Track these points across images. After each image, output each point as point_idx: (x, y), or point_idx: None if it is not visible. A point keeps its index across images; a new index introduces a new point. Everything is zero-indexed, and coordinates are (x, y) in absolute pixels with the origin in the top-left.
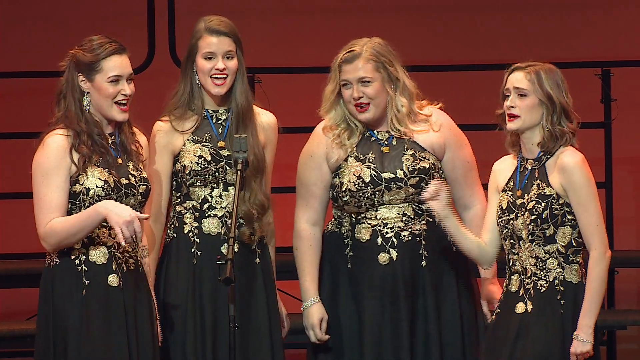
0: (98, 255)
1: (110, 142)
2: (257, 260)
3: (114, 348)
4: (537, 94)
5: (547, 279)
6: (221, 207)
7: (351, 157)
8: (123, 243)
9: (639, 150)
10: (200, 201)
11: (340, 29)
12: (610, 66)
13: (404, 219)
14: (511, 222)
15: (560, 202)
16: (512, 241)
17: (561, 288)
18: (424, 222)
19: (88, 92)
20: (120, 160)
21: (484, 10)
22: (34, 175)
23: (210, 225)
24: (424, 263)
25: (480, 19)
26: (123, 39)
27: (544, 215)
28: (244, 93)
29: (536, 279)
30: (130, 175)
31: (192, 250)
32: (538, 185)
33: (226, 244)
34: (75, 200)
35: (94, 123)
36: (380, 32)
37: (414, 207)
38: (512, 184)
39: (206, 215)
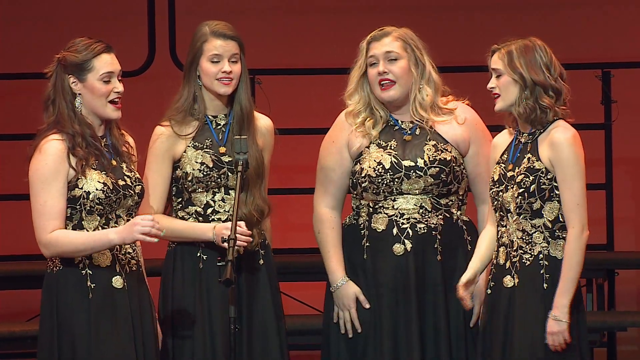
0: (102, 258)
1: (102, 144)
2: (261, 261)
3: (122, 350)
4: (508, 73)
5: (532, 253)
6: (224, 210)
7: (373, 144)
8: (158, 238)
9: (639, 151)
10: (203, 206)
11: (341, 30)
12: (610, 67)
13: (421, 211)
14: (500, 194)
15: (548, 177)
16: (501, 213)
17: (545, 263)
18: (441, 216)
19: (79, 94)
20: (114, 162)
21: (485, 11)
22: (32, 181)
23: None
24: (439, 257)
25: (481, 19)
26: (123, 40)
27: (531, 189)
28: (247, 96)
29: (522, 252)
30: (125, 177)
31: (198, 254)
32: (528, 158)
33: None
34: (76, 205)
35: (86, 125)
36: None
37: (432, 200)
38: (505, 156)
39: (210, 219)
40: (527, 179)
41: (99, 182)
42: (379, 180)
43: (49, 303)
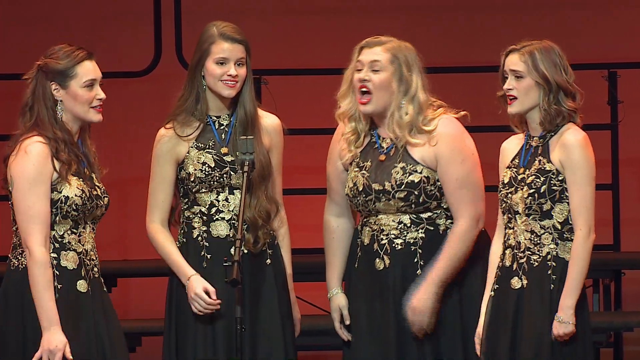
0: (69, 260)
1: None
2: (268, 261)
3: (84, 351)
4: (532, 75)
5: (540, 254)
6: (228, 210)
7: (354, 162)
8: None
9: None
10: (207, 206)
11: (347, 30)
12: (616, 68)
13: (399, 227)
14: (509, 195)
15: (559, 179)
16: (509, 215)
17: (553, 264)
18: (422, 230)
19: (61, 100)
20: (87, 171)
21: (486, 11)
22: (18, 183)
23: (219, 229)
24: (419, 272)
25: (482, 20)
26: (129, 41)
27: (542, 190)
28: (251, 100)
29: (530, 253)
30: (96, 187)
31: (202, 253)
32: (539, 160)
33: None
34: (52, 208)
35: (66, 131)
36: (396, 33)
37: (412, 216)
38: (517, 160)
39: (214, 219)
40: (538, 180)
41: (77, 188)
42: (356, 201)
43: (13, 300)
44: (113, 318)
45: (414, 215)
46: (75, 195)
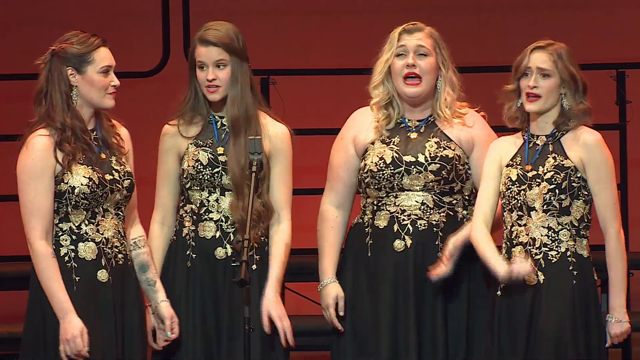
0: (87, 251)
1: (92, 137)
2: (254, 266)
3: (102, 345)
4: (561, 74)
5: (559, 250)
6: (217, 211)
7: (378, 140)
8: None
9: None
10: (198, 205)
11: (354, 31)
12: (625, 68)
13: (422, 207)
14: (522, 192)
15: (577, 175)
16: (519, 213)
17: (573, 260)
18: (443, 214)
19: (75, 86)
20: (103, 156)
21: (496, 11)
22: (20, 177)
23: (206, 229)
24: (439, 254)
25: (491, 20)
26: (138, 41)
27: (562, 186)
28: (237, 102)
29: (547, 249)
30: (114, 171)
31: (187, 252)
32: (554, 157)
33: (220, 247)
34: (62, 199)
35: (78, 118)
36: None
37: (435, 197)
38: (519, 158)
39: (203, 218)
40: (558, 176)
41: (84, 177)
42: (380, 175)
43: (35, 295)
44: (132, 309)
45: (437, 198)
46: (82, 184)
